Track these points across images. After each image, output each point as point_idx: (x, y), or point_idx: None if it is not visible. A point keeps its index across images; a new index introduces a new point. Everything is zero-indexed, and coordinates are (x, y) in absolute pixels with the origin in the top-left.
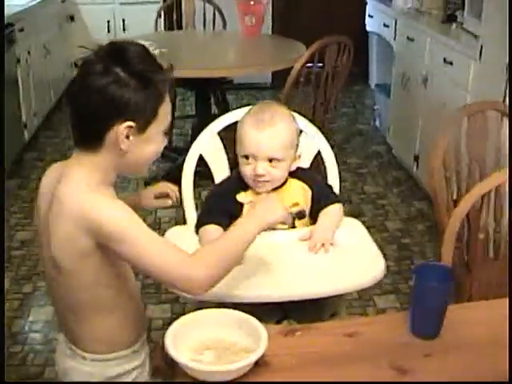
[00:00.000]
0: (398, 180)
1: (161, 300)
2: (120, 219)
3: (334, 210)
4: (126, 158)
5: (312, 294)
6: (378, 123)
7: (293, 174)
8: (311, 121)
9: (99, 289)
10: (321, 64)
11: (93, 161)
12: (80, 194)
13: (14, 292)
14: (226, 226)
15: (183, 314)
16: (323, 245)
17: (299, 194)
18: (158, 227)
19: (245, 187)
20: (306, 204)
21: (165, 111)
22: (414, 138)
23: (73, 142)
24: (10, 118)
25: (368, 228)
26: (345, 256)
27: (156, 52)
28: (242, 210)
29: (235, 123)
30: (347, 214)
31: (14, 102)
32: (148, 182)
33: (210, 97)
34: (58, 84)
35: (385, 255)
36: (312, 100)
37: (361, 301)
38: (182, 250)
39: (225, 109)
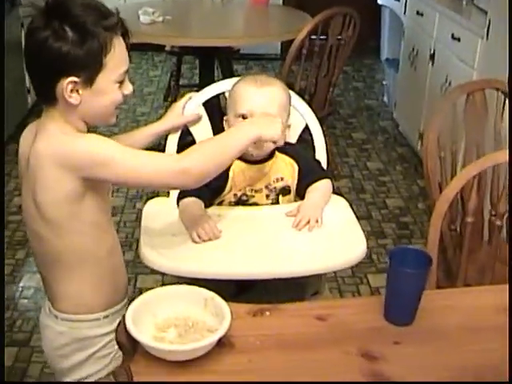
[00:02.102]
0: (402, 157)
1: (153, 270)
2: (99, 143)
3: (323, 186)
4: (81, 110)
5: (283, 273)
6: (386, 98)
7: (280, 149)
8: (314, 93)
9: (76, 238)
10: (324, 36)
11: (60, 113)
12: (58, 140)
13: (7, 257)
14: (207, 198)
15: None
16: (308, 222)
17: (285, 169)
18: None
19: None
20: (291, 180)
21: (115, 60)
22: (420, 115)
23: None
24: (14, 81)
25: (368, 205)
26: (325, 235)
27: (160, 19)
28: (226, 182)
29: (219, 96)
30: (349, 189)
31: (18, 66)
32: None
33: (214, 66)
34: None
35: (383, 233)
36: (315, 73)
37: (354, 278)
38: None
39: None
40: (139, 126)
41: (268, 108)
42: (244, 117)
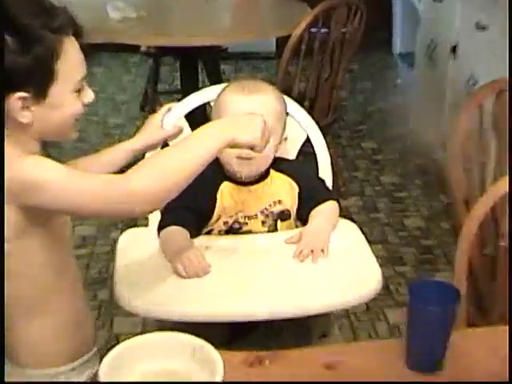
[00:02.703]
0: (421, 169)
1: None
2: (35, 166)
3: (329, 209)
4: (36, 128)
5: (284, 313)
6: (400, 100)
7: (276, 167)
8: (315, 98)
9: (24, 282)
10: (326, 30)
11: (12, 133)
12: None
13: None
14: (193, 227)
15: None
16: (312, 251)
17: (283, 191)
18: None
19: (221, 177)
20: (291, 202)
21: (68, 66)
22: (441, 120)
23: None
24: None
25: (383, 226)
26: (333, 266)
27: (133, 15)
28: (214, 207)
29: (204, 105)
30: (359, 209)
31: None
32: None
33: (198, 69)
34: None
35: (401, 259)
36: (316, 73)
37: (369, 314)
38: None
39: (217, 83)
40: (112, 141)
41: None
42: None
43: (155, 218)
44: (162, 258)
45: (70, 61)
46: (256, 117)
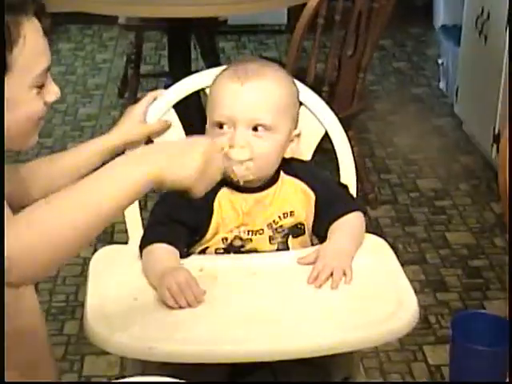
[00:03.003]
0: (468, 170)
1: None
2: None
3: (353, 222)
4: None
5: (296, 351)
6: (442, 85)
7: (287, 170)
8: (336, 82)
9: None
10: None
11: None
12: None
13: None
14: (184, 244)
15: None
16: (331, 275)
17: (295, 199)
18: (110, 239)
19: (219, 185)
20: (305, 214)
21: (26, 54)
22: (493, 108)
23: None
24: None
25: (421, 242)
26: (357, 293)
27: None
28: (210, 220)
29: (198, 93)
30: (392, 220)
31: None
32: None
33: (191, 46)
34: None
35: (444, 284)
36: (337, 51)
37: (404, 352)
38: None
39: (214, 63)
40: (82, 135)
41: (255, 113)
42: (222, 126)
43: (136, 232)
44: (145, 283)
45: (29, 48)
46: (195, 147)
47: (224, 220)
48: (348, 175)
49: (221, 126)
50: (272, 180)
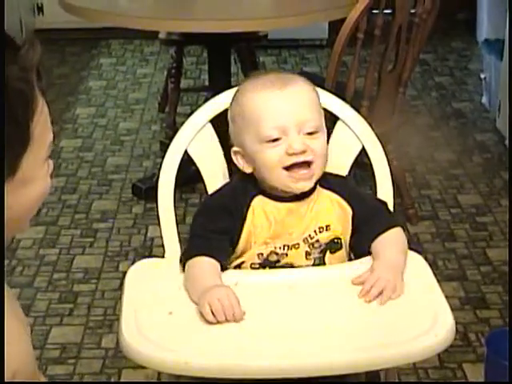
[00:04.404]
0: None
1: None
2: None
3: (397, 238)
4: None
5: (336, 367)
6: (485, 99)
7: (324, 184)
8: (376, 97)
9: None
10: (390, 11)
11: None
12: None
13: None
14: (224, 254)
15: None
16: (381, 292)
17: (331, 213)
18: (149, 253)
19: (253, 190)
20: (342, 228)
21: (41, 125)
22: None
23: None
24: None
25: (461, 259)
26: (393, 310)
27: None
28: (243, 226)
29: None
30: (432, 236)
31: None
32: (139, 187)
33: (231, 61)
34: None
35: (485, 301)
36: (377, 66)
37: (443, 370)
38: None
39: None
40: (122, 150)
41: (305, 115)
42: (276, 139)
43: (172, 246)
44: (181, 297)
45: (44, 116)
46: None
47: (256, 228)
48: (385, 191)
49: (274, 139)
50: (308, 191)
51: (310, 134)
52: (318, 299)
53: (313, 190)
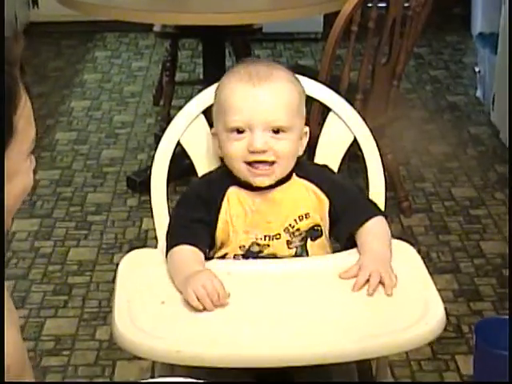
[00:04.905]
0: (504, 179)
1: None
2: None
3: (381, 229)
4: None
5: (323, 356)
6: (479, 93)
7: (299, 172)
8: (370, 90)
9: None
10: (384, 4)
11: None
12: None
13: None
14: (206, 243)
15: None
16: (381, 281)
17: (309, 201)
18: (143, 246)
19: (228, 180)
20: (319, 215)
21: (25, 119)
22: None
23: None
24: None
25: (455, 251)
26: (383, 299)
27: None
28: (218, 216)
29: None
30: (426, 229)
31: None
32: (133, 179)
33: (225, 54)
34: None
35: (478, 293)
36: (370, 59)
37: (436, 361)
38: None
39: None
40: (117, 143)
41: (272, 115)
42: (240, 130)
43: (164, 236)
44: (172, 287)
45: (27, 110)
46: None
47: (232, 217)
48: (377, 183)
49: (237, 130)
50: (281, 179)
51: (277, 132)
52: (310, 290)
53: (288, 178)
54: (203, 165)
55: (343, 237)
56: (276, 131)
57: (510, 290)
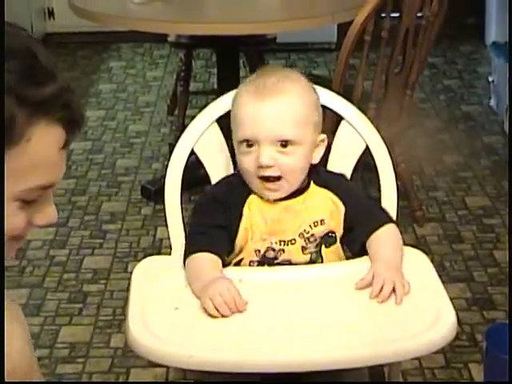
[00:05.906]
0: None
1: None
2: None
3: (392, 236)
4: None
5: (337, 362)
6: (493, 102)
7: (318, 181)
8: (383, 99)
9: None
10: (397, 14)
11: None
12: None
13: None
14: (225, 249)
15: None
16: (394, 290)
17: (324, 208)
18: (158, 254)
19: (248, 188)
20: (334, 222)
21: (23, 163)
22: None
23: None
24: None
25: (468, 260)
26: (395, 307)
27: None
28: (239, 223)
29: None
30: (439, 238)
31: None
32: (148, 188)
33: (239, 63)
34: None
35: (491, 302)
36: (384, 68)
37: (449, 369)
38: None
39: None
40: (132, 152)
41: (277, 130)
42: (249, 143)
43: (178, 243)
44: (186, 293)
45: (31, 156)
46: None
47: (252, 226)
48: (389, 191)
49: (247, 143)
50: (302, 188)
51: (285, 146)
52: (322, 296)
53: (306, 186)
54: (217, 173)
55: (356, 245)
56: (284, 144)
57: (510, 291)
